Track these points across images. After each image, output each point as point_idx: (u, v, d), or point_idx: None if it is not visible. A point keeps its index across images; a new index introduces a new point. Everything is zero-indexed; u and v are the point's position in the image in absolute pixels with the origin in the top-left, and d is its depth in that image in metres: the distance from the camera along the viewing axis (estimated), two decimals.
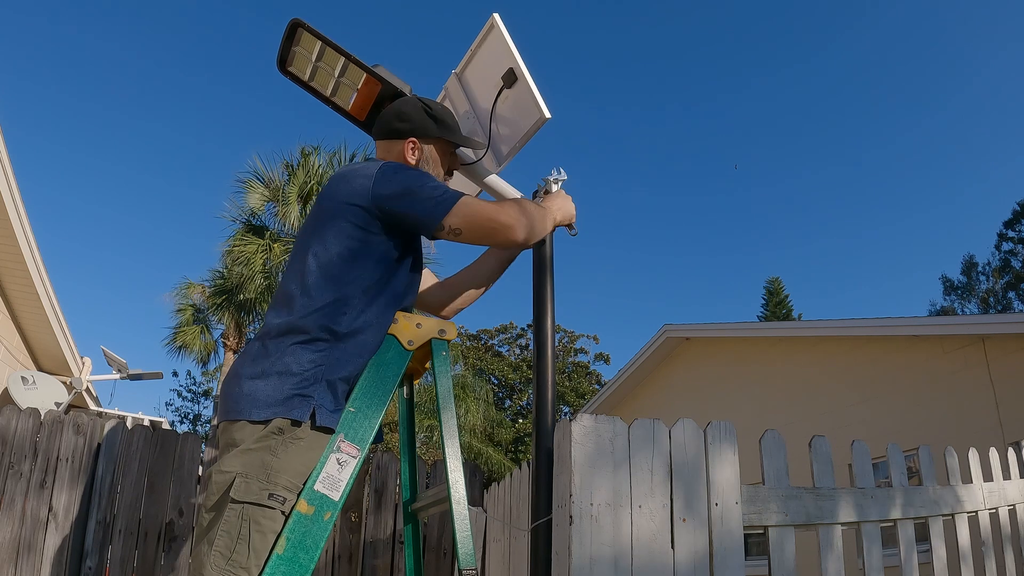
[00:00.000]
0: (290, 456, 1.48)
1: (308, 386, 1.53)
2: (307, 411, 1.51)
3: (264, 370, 1.55)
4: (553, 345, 2.15)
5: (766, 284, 30.42)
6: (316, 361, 1.55)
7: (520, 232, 1.74)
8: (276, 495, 1.44)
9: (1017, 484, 2.94)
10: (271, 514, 1.44)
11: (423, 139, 1.90)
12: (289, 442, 1.48)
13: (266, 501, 1.43)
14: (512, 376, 31.59)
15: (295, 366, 1.54)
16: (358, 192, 1.66)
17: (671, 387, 12.95)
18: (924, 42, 45.27)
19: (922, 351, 8.77)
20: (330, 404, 1.54)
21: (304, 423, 1.50)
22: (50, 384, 8.16)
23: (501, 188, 2.29)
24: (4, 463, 2.84)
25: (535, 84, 2.08)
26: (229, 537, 1.41)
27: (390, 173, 1.68)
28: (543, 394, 2.09)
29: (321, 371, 1.55)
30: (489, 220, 1.70)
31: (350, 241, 1.64)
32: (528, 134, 2.11)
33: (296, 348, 1.56)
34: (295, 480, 1.48)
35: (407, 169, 1.72)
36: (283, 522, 1.45)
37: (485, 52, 2.24)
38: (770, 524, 2.03)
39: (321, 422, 1.51)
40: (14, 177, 6.97)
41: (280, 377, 1.54)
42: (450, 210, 1.67)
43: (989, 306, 28.53)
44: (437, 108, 1.92)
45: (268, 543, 1.43)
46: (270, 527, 1.43)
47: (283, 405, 1.50)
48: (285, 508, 1.45)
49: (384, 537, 3.01)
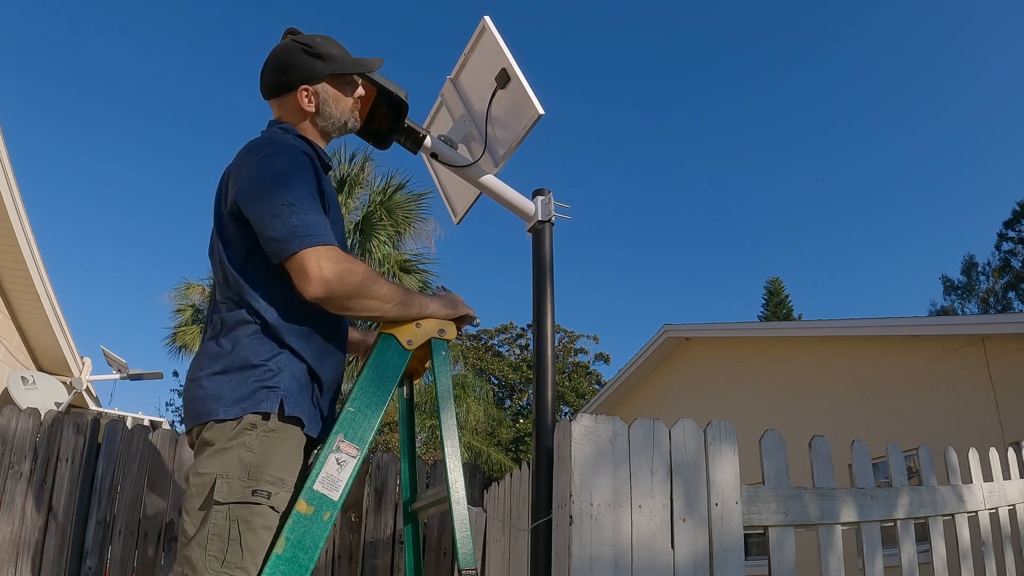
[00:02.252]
0: (266, 450, 1.46)
1: (272, 377, 1.50)
2: (275, 403, 1.48)
3: (225, 367, 1.52)
4: (553, 345, 2.15)
5: (766, 284, 30.45)
6: (274, 350, 1.53)
7: (319, 287, 1.49)
8: (260, 491, 1.42)
9: (1017, 484, 2.94)
10: (259, 510, 1.42)
11: (314, 82, 1.75)
12: (263, 436, 1.46)
13: (251, 498, 1.42)
14: (512, 376, 31.59)
15: (254, 358, 1.52)
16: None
17: (671, 387, 12.95)
18: (924, 42, 45.28)
19: (922, 351, 8.77)
20: (295, 393, 1.52)
21: (272, 415, 1.48)
22: (50, 384, 8.16)
23: (499, 189, 2.29)
24: (4, 463, 2.84)
25: (528, 82, 2.09)
26: (220, 540, 1.39)
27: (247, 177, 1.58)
28: (543, 394, 2.09)
29: (281, 360, 1.53)
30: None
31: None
32: (524, 132, 2.12)
33: (252, 340, 1.53)
34: (277, 473, 1.46)
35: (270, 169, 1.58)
36: (273, 517, 1.44)
37: (478, 55, 2.25)
38: (770, 524, 2.03)
39: (289, 411, 1.49)
40: (14, 177, 6.97)
41: (242, 372, 1.51)
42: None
43: (989, 306, 28.53)
44: (318, 43, 1.77)
45: (262, 540, 1.42)
46: (260, 523, 1.42)
47: (251, 399, 1.48)
48: (273, 503, 1.43)
49: (384, 537, 3.01)
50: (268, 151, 1.60)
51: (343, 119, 1.81)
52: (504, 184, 2.29)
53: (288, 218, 1.51)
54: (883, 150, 46.50)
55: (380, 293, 1.61)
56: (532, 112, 2.07)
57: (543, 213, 2.28)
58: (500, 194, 2.29)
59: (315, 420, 1.57)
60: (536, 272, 2.24)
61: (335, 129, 1.81)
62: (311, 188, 1.57)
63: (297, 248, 1.49)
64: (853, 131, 47.44)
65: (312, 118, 1.77)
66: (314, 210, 1.55)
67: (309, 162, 1.61)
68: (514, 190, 2.31)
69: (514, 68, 2.12)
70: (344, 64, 1.79)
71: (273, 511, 1.44)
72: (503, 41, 2.16)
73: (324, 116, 1.78)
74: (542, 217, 2.28)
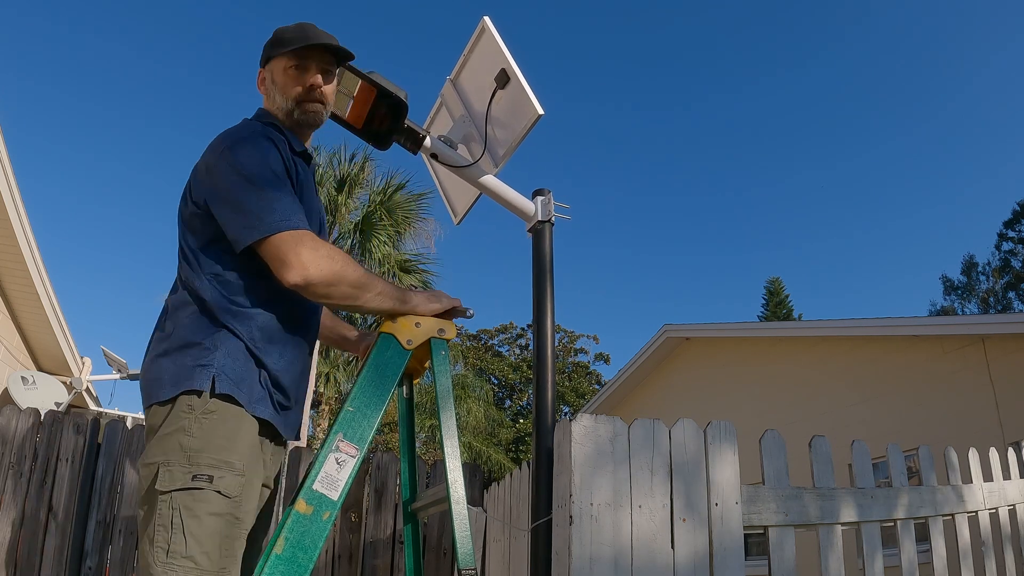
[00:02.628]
0: (206, 432, 1.40)
1: (207, 355, 1.46)
2: (207, 380, 1.43)
3: (166, 349, 1.49)
4: (553, 345, 2.15)
5: (766, 284, 30.48)
6: (210, 329, 1.49)
7: (297, 273, 1.47)
8: (200, 475, 1.37)
9: (1017, 484, 2.94)
10: (202, 496, 1.36)
11: (264, 65, 1.75)
12: (201, 418, 1.41)
13: (191, 484, 1.36)
14: (512, 376, 31.60)
15: (192, 337, 1.48)
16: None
17: (671, 387, 12.95)
18: (924, 42, 45.28)
19: (922, 351, 8.77)
20: (231, 371, 1.46)
21: (205, 393, 1.43)
22: (50, 384, 8.16)
23: (499, 189, 2.29)
24: (4, 463, 2.83)
25: (527, 82, 2.10)
26: (165, 530, 1.34)
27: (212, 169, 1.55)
28: (543, 394, 2.09)
29: (218, 338, 1.48)
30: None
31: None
32: (523, 133, 2.12)
33: (190, 319, 1.51)
34: (219, 456, 1.40)
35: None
36: (221, 502, 1.38)
37: (478, 55, 2.25)
38: (770, 524, 2.02)
39: (222, 389, 1.43)
40: (14, 177, 6.97)
41: (181, 351, 1.47)
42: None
43: (989, 306, 28.53)
44: (284, 29, 1.74)
45: (208, 526, 1.36)
46: (204, 509, 1.36)
47: (187, 379, 1.44)
48: (218, 487, 1.38)
49: (384, 537, 3.01)
50: (228, 139, 1.56)
51: (286, 106, 1.69)
52: (504, 184, 2.30)
53: (255, 201, 1.47)
54: (883, 150, 46.54)
55: (360, 282, 1.57)
56: (532, 112, 2.08)
57: (543, 213, 2.28)
58: (500, 194, 2.29)
59: (263, 402, 1.50)
60: (536, 272, 2.24)
61: (285, 116, 1.70)
62: (277, 170, 1.54)
63: (268, 231, 1.46)
64: (853, 131, 47.46)
65: (267, 103, 1.74)
66: (282, 192, 1.51)
67: (270, 144, 1.56)
68: (514, 190, 2.31)
69: (514, 68, 2.12)
70: (285, 44, 1.69)
71: (220, 495, 1.38)
72: (503, 42, 2.16)
73: (271, 100, 1.73)
74: (542, 217, 2.28)
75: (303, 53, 1.70)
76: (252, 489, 1.46)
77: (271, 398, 1.53)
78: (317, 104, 1.71)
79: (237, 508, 1.41)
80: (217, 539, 1.37)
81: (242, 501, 1.42)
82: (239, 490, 1.41)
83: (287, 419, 1.60)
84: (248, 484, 1.44)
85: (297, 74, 1.70)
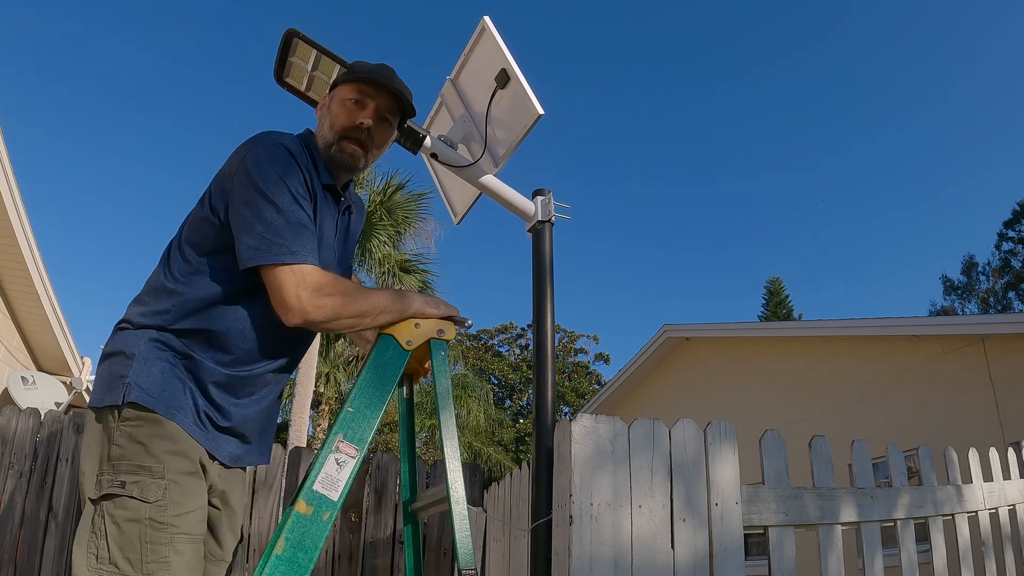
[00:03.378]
0: (125, 439, 1.41)
1: (126, 364, 1.46)
2: (121, 392, 1.43)
3: (104, 352, 1.52)
4: (553, 345, 2.15)
5: (766, 284, 30.49)
6: (137, 339, 1.48)
7: (296, 316, 1.47)
8: (117, 481, 1.38)
9: (1017, 484, 2.94)
10: (121, 502, 1.37)
11: (330, 92, 1.73)
12: (121, 424, 1.42)
13: (110, 489, 1.38)
14: (512, 376, 31.61)
15: (118, 346, 1.50)
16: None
17: (671, 387, 12.95)
18: (924, 37, 45.28)
19: (922, 351, 8.77)
20: (145, 381, 1.44)
21: (123, 404, 1.42)
22: (50, 384, 8.17)
23: (499, 189, 2.29)
24: (4, 463, 2.83)
25: (528, 82, 2.10)
26: (95, 536, 1.36)
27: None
28: (543, 394, 2.09)
29: (141, 347, 1.47)
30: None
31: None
32: (523, 133, 2.12)
33: (123, 331, 1.52)
34: (138, 461, 1.40)
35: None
36: (138, 507, 1.37)
37: (478, 55, 2.25)
38: (770, 524, 2.02)
39: (134, 398, 1.42)
40: (14, 177, 6.97)
41: (108, 360, 1.50)
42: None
43: (989, 306, 28.53)
44: (359, 63, 1.74)
45: (127, 532, 1.36)
46: (123, 516, 1.36)
47: (108, 389, 1.45)
48: (134, 492, 1.38)
49: (384, 537, 3.01)
50: (252, 148, 1.54)
51: (328, 138, 1.65)
52: (504, 184, 2.30)
53: (267, 223, 1.46)
54: (882, 150, 46.52)
55: (360, 311, 1.56)
56: (532, 112, 2.07)
57: (543, 213, 2.28)
58: (500, 194, 2.29)
59: (183, 411, 1.47)
60: (536, 272, 2.24)
61: (324, 148, 1.66)
62: (296, 192, 1.51)
63: (273, 260, 1.45)
64: (853, 131, 47.45)
65: (317, 129, 1.72)
66: (296, 217, 1.49)
67: (294, 163, 1.53)
68: (514, 190, 2.31)
69: (514, 68, 2.12)
70: (351, 74, 1.67)
71: (138, 501, 1.37)
72: (503, 41, 2.16)
73: (319, 128, 1.70)
74: (542, 217, 2.28)
75: (366, 89, 1.65)
76: (185, 494, 1.42)
77: (197, 412, 1.49)
78: (357, 146, 1.65)
79: (161, 512, 1.38)
80: (138, 544, 1.36)
81: (167, 505, 1.39)
82: (160, 494, 1.38)
83: (221, 441, 1.54)
84: (176, 487, 1.41)
85: (352, 107, 1.65)
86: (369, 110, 1.66)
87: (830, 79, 46.75)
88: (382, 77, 1.65)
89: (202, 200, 1.59)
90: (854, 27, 45.59)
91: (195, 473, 1.45)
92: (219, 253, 1.52)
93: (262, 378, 1.60)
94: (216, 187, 1.56)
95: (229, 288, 1.52)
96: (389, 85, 1.65)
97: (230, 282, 1.52)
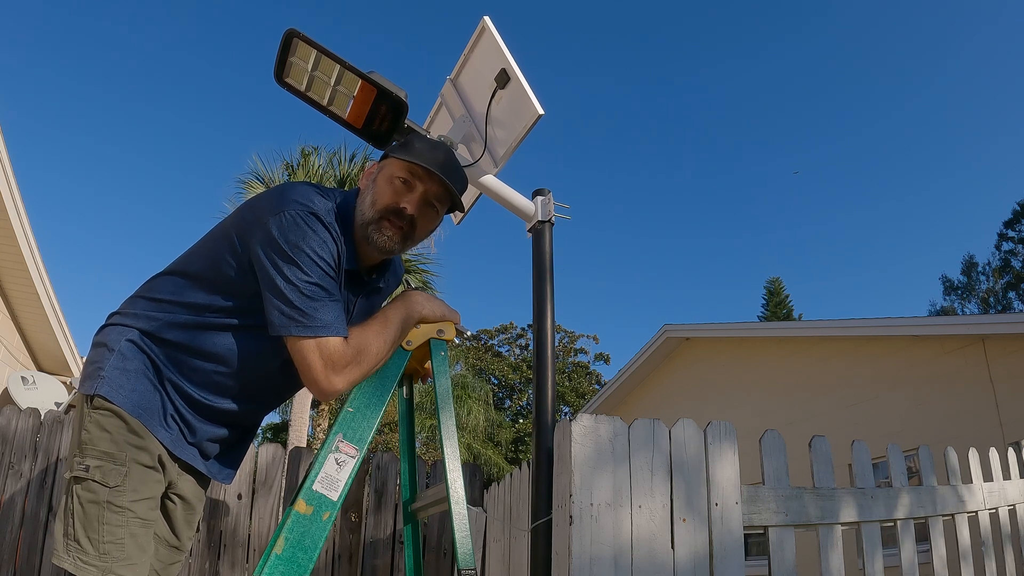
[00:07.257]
0: (94, 427, 1.50)
1: (105, 358, 1.55)
2: (95, 384, 1.52)
3: (94, 340, 1.61)
4: (553, 345, 2.15)
5: (766, 284, 30.52)
6: (120, 335, 1.57)
7: (322, 394, 1.52)
8: (82, 464, 1.47)
9: (1017, 484, 2.94)
10: (86, 485, 1.46)
11: (380, 161, 1.72)
12: (92, 412, 1.51)
13: (81, 473, 1.47)
14: (512, 376, 31.60)
15: (102, 339, 1.58)
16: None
17: (671, 387, 12.95)
18: (924, 32, 45.28)
19: (922, 351, 8.76)
20: (117, 377, 1.52)
21: (95, 395, 1.52)
22: (50, 384, 8.16)
23: (499, 189, 2.29)
24: (4, 463, 2.83)
25: (528, 82, 2.10)
26: (67, 514, 1.47)
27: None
28: (543, 394, 2.09)
29: (122, 345, 1.56)
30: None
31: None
32: (524, 133, 2.12)
33: (111, 327, 1.60)
34: (104, 448, 1.48)
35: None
36: (100, 490, 1.46)
37: (478, 55, 2.25)
38: (770, 524, 2.03)
39: (102, 391, 1.50)
40: (14, 177, 6.97)
41: (95, 348, 1.59)
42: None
43: (989, 306, 28.54)
44: (417, 138, 1.72)
45: (90, 514, 1.45)
46: (87, 497, 1.45)
47: (89, 380, 1.54)
48: (96, 476, 1.46)
49: (384, 537, 3.01)
50: (287, 206, 1.50)
51: (368, 215, 1.60)
52: (504, 184, 2.29)
53: (299, 293, 1.48)
54: (883, 150, 46.52)
55: (377, 361, 1.58)
56: (532, 112, 2.07)
57: (543, 213, 2.28)
58: (500, 194, 2.29)
59: (150, 412, 1.52)
60: (536, 272, 2.24)
61: (361, 224, 1.61)
62: (328, 264, 1.51)
63: (305, 334, 1.49)
64: (854, 131, 47.46)
65: (359, 199, 1.66)
66: (328, 289, 1.50)
67: (327, 234, 1.51)
68: (514, 190, 2.31)
69: (514, 68, 2.12)
70: (406, 150, 1.61)
71: (99, 484, 1.46)
72: (503, 41, 2.16)
73: (362, 199, 1.64)
74: (542, 217, 2.28)
75: (419, 172, 1.60)
76: (142, 482, 1.50)
77: (164, 416, 1.55)
78: (395, 231, 1.60)
79: (118, 497, 1.47)
80: (96, 524, 1.45)
81: (125, 491, 1.48)
82: (119, 480, 1.47)
83: (183, 447, 1.59)
84: (134, 476, 1.49)
85: (400, 187, 1.61)
86: (417, 194, 1.61)
87: (830, 79, 46.79)
88: (435, 163, 1.60)
89: (218, 237, 1.60)
90: (855, 27, 45.61)
91: (153, 467, 1.53)
92: (226, 293, 1.57)
93: (228, 414, 1.64)
94: (236, 233, 1.55)
95: (223, 321, 1.57)
96: (443, 178, 1.59)
97: (226, 317, 1.57)
